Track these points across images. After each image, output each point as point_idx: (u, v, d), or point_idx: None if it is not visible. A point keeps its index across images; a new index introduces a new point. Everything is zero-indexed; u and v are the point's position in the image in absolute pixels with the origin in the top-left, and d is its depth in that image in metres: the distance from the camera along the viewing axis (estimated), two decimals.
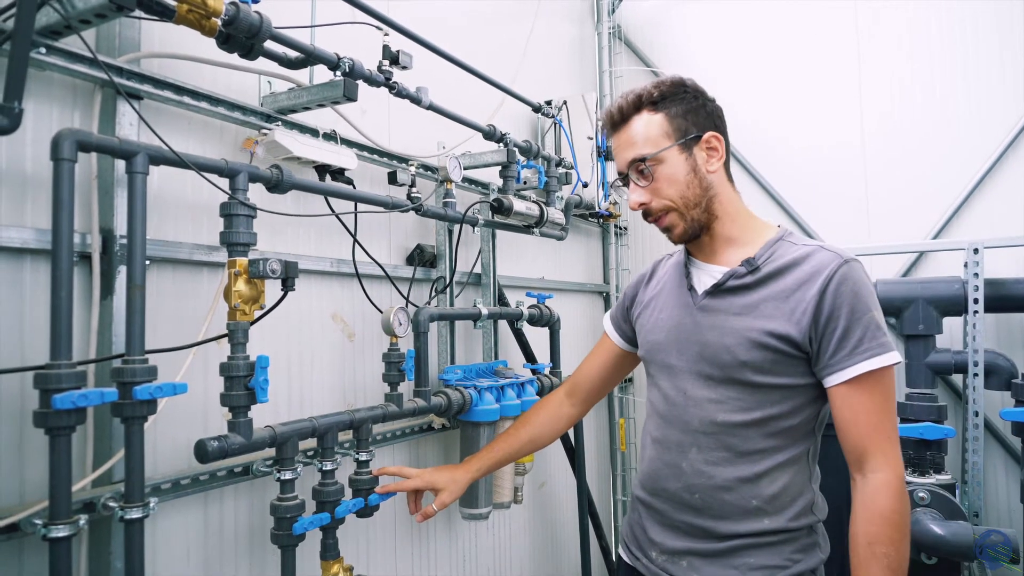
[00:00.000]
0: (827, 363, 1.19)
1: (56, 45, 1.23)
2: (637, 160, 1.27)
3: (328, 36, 1.65)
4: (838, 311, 1.17)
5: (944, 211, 3.15)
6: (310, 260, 1.82)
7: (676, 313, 1.34)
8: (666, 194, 1.27)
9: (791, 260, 1.24)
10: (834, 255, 1.21)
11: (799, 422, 1.23)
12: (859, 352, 1.17)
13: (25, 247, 1.23)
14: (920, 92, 3.22)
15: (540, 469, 2.92)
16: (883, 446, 1.18)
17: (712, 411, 1.24)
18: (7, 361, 1.22)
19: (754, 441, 1.22)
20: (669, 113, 1.27)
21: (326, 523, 1.54)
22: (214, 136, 1.62)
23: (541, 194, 2.71)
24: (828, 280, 1.18)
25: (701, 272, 1.34)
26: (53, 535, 1.06)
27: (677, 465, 1.28)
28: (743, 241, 1.30)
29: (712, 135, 1.28)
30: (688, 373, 1.29)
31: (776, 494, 1.22)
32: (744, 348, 1.21)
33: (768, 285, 1.23)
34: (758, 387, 1.22)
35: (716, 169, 1.28)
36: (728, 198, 1.31)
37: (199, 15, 1.28)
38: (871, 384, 1.17)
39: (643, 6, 3.92)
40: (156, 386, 1.17)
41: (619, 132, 1.31)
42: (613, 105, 1.32)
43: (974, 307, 2.64)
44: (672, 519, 1.30)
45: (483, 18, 2.82)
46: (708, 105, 1.30)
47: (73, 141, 1.12)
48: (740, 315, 1.23)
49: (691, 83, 1.31)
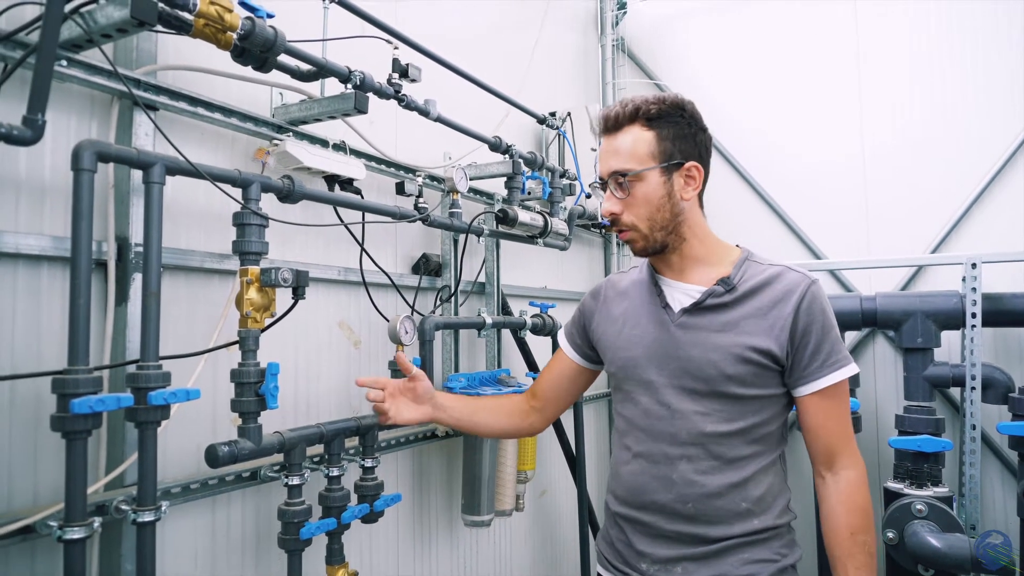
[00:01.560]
0: (801, 375, 1.29)
1: (76, 58, 1.26)
2: (619, 172, 1.31)
3: (335, 48, 1.67)
4: (810, 327, 1.28)
5: (943, 225, 3.18)
6: (318, 268, 1.85)
7: (652, 330, 1.37)
8: (637, 211, 1.32)
9: (763, 280, 1.32)
10: (801, 275, 1.32)
11: (774, 429, 1.33)
12: (829, 365, 1.28)
13: (43, 254, 1.26)
14: (920, 107, 3.26)
15: (541, 477, 2.94)
16: (849, 446, 1.32)
17: (699, 423, 1.29)
18: (24, 366, 1.24)
19: (738, 448, 1.29)
20: (660, 134, 1.31)
21: (332, 528, 1.56)
22: (226, 146, 1.65)
23: (545, 205, 2.74)
24: (801, 299, 1.28)
25: (673, 290, 1.38)
26: (68, 537, 1.09)
27: (667, 477, 1.31)
28: (710, 261, 1.37)
29: (693, 165, 1.32)
30: (670, 388, 1.33)
31: (762, 495, 1.30)
32: (730, 362, 1.28)
33: (745, 303, 1.31)
34: (740, 399, 1.29)
35: (690, 197, 1.33)
36: (696, 222, 1.37)
37: (215, 29, 1.31)
38: (838, 393, 1.30)
39: (646, 19, 3.96)
40: (170, 392, 1.20)
41: (609, 137, 1.35)
42: (611, 110, 1.34)
43: (972, 321, 2.66)
44: (662, 530, 1.32)
45: (488, 31, 2.86)
46: (699, 135, 1.34)
47: (93, 152, 1.15)
48: (722, 332, 1.30)
49: (690, 108, 1.34)
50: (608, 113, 1.35)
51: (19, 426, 1.23)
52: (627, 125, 1.32)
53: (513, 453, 2.29)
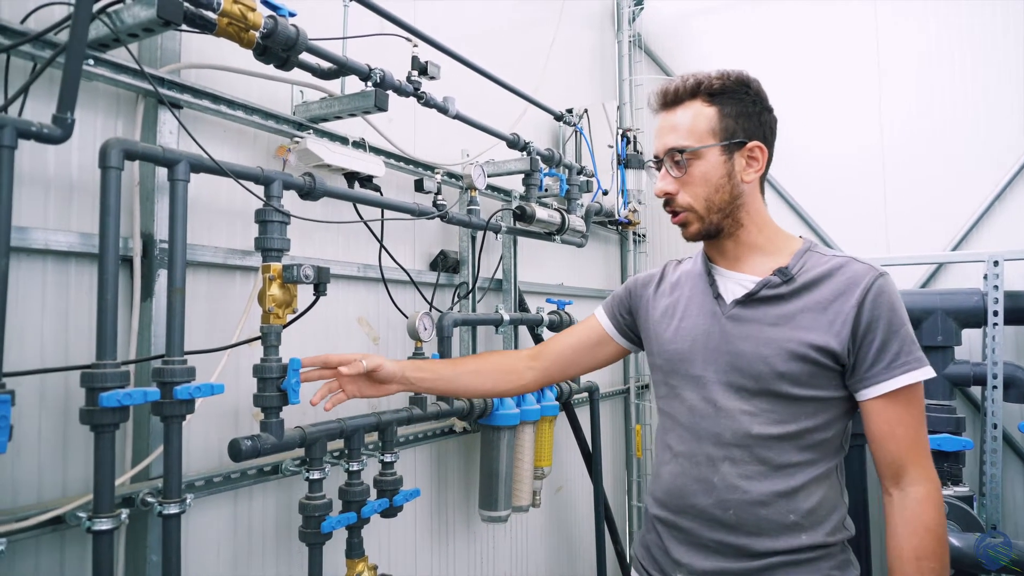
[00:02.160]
0: (863, 376, 1.17)
1: (103, 57, 1.28)
2: (676, 149, 1.23)
3: (354, 46, 1.68)
4: (875, 323, 1.15)
5: (964, 222, 3.14)
6: (338, 265, 1.86)
7: (702, 322, 1.28)
8: (694, 192, 1.24)
9: (825, 271, 1.21)
10: (868, 267, 1.20)
11: (831, 435, 1.21)
12: (896, 366, 1.15)
13: (71, 250, 1.28)
14: (940, 103, 3.23)
15: (557, 474, 2.95)
16: (920, 459, 1.17)
17: (746, 423, 1.19)
18: (53, 360, 1.27)
19: (788, 454, 1.18)
20: (723, 110, 1.23)
21: (352, 522, 1.58)
22: (248, 143, 1.67)
23: (562, 201, 2.74)
24: (865, 292, 1.16)
25: (727, 280, 1.29)
26: (97, 528, 1.11)
27: (708, 480, 1.22)
28: (768, 250, 1.28)
29: (757, 145, 1.24)
30: (717, 384, 1.24)
31: (813, 508, 1.18)
32: (782, 359, 1.17)
33: (803, 296, 1.20)
34: (793, 399, 1.18)
35: (751, 179, 1.25)
36: (756, 207, 1.28)
37: (238, 28, 1.32)
38: (907, 398, 1.16)
39: (663, 15, 3.95)
40: (195, 386, 1.22)
41: (666, 112, 1.27)
42: (670, 83, 1.26)
43: (993, 319, 2.63)
44: (700, 538, 1.23)
45: (506, 28, 2.86)
46: (764, 115, 1.26)
47: (120, 150, 1.17)
48: (776, 325, 1.20)
49: (756, 86, 1.26)
50: (667, 87, 1.26)
51: (48, 419, 1.26)
52: (687, 100, 1.24)
53: (530, 449, 2.30)
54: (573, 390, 2.61)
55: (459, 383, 1.55)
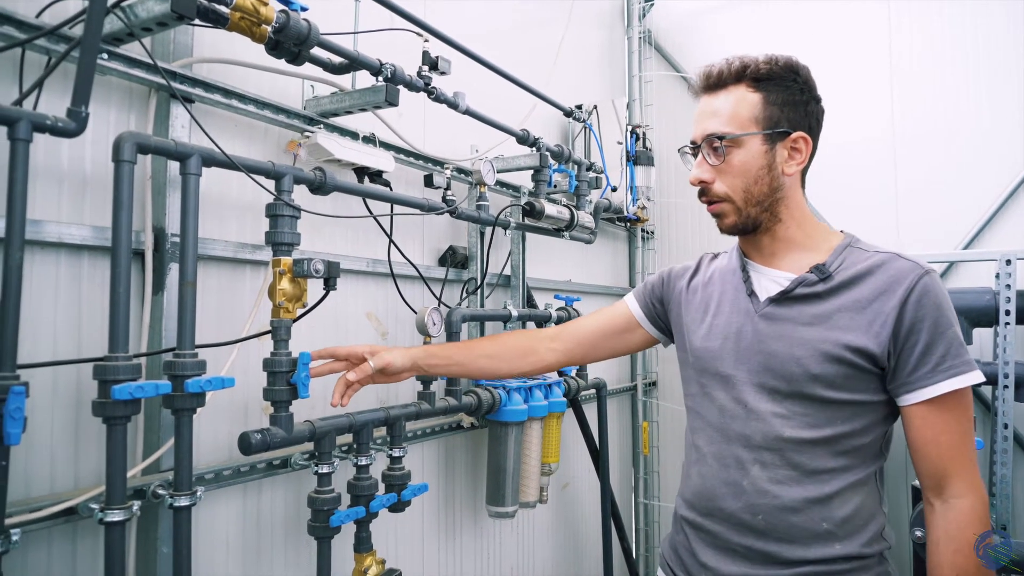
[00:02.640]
0: (905, 380, 1.11)
1: (117, 51, 1.28)
2: (715, 136, 1.18)
3: (361, 41, 1.68)
4: (920, 325, 1.09)
5: (976, 220, 3.12)
6: (347, 260, 1.87)
7: (734, 320, 1.24)
8: (731, 181, 1.19)
9: (865, 268, 1.15)
10: (913, 264, 1.13)
11: (870, 441, 1.15)
12: (942, 370, 1.09)
13: (84, 243, 1.29)
14: (952, 101, 3.20)
15: (564, 470, 2.95)
16: (965, 469, 1.11)
17: (777, 426, 1.15)
18: (65, 352, 1.27)
19: (822, 459, 1.13)
20: (768, 97, 1.17)
21: (361, 517, 1.58)
22: (258, 138, 1.67)
23: (571, 198, 2.74)
24: (909, 291, 1.10)
25: (761, 276, 1.24)
26: (109, 519, 1.11)
27: (737, 483, 1.18)
28: (807, 246, 1.22)
29: (801, 136, 1.19)
30: (749, 385, 1.19)
31: (848, 517, 1.13)
32: (816, 361, 1.12)
33: (841, 294, 1.14)
34: (827, 402, 1.13)
35: (793, 172, 1.20)
36: (796, 202, 1.23)
37: (250, 22, 1.32)
38: (953, 404, 1.10)
39: (674, 11, 3.93)
40: (206, 379, 1.22)
41: (708, 96, 1.22)
42: (713, 66, 1.21)
43: (1005, 319, 2.61)
44: (729, 542, 1.19)
45: (517, 23, 2.85)
46: (811, 105, 1.21)
47: (133, 144, 1.17)
48: (811, 325, 1.15)
49: (804, 74, 1.21)
50: (710, 69, 1.21)
51: (60, 411, 1.26)
52: (731, 84, 1.19)
53: (538, 445, 2.30)
54: (581, 386, 2.61)
55: (473, 367, 1.52)
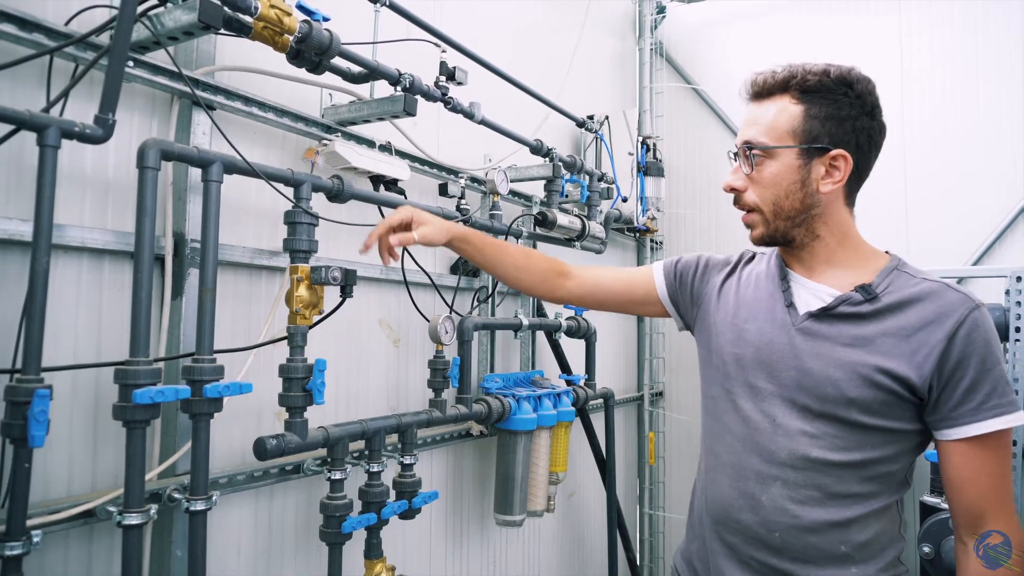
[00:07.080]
0: (947, 415, 1.07)
1: (142, 59, 1.30)
2: (749, 145, 1.17)
3: (378, 50, 1.69)
4: (967, 360, 1.05)
5: (986, 237, 3.12)
6: (361, 267, 1.87)
7: (768, 329, 1.19)
8: (761, 193, 1.17)
9: (913, 295, 1.11)
10: (964, 297, 1.10)
11: (897, 469, 1.13)
12: (987, 408, 1.05)
13: (106, 248, 1.30)
14: (963, 117, 3.20)
15: (570, 479, 2.95)
16: (1004, 511, 1.08)
17: (805, 445, 1.11)
18: (85, 356, 1.29)
19: (848, 484, 1.10)
20: (810, 111, 1.13)
21: (372, 523, 1.59)
22: (276, 145, 1.69)
23: (582, 208, 2.75)
24: (959, 325, 1.06)
25: (802, 289, 1.20)
26: (127, 522, 1.12)
27: (755, 497, 1.15)
28: (850, 265, 1.18)
29: (841, 154, 1.13)
30: (779, 399, 1.15)
31: (867, 541, 1.10)
32: (853, 384, 1.09)
33: (887, 318, 1.10)
34: (860, 427, 1.10)
35: (829, 190, 1.15)
36: (838, 220, 1.18)
37: (273, 32, 1.34)
38: (994, 443, 1.07)
39: (685, 23, 3.94)
40: (224, 385, 1.24)
41: (754, 104, 1.20)
42: (763, 74, 1.18)
43: (1016, 335, 2.61)
44: (742, 554, 1.17)
45: (530, 34, 2.87)
46: (861, 120, 1.14)
47: (157, 150, 1.19)
48: (852, 347, 1.10)
49: (861, 87, 1.14)
50: (757, 79, 1.19)
51: (80, 414, 1.27)
52: (777, 94, 1.16)
53: (546, 454, 2.30)
54: (588, 396, 2.61)
55: (500, 269, 1.45)
